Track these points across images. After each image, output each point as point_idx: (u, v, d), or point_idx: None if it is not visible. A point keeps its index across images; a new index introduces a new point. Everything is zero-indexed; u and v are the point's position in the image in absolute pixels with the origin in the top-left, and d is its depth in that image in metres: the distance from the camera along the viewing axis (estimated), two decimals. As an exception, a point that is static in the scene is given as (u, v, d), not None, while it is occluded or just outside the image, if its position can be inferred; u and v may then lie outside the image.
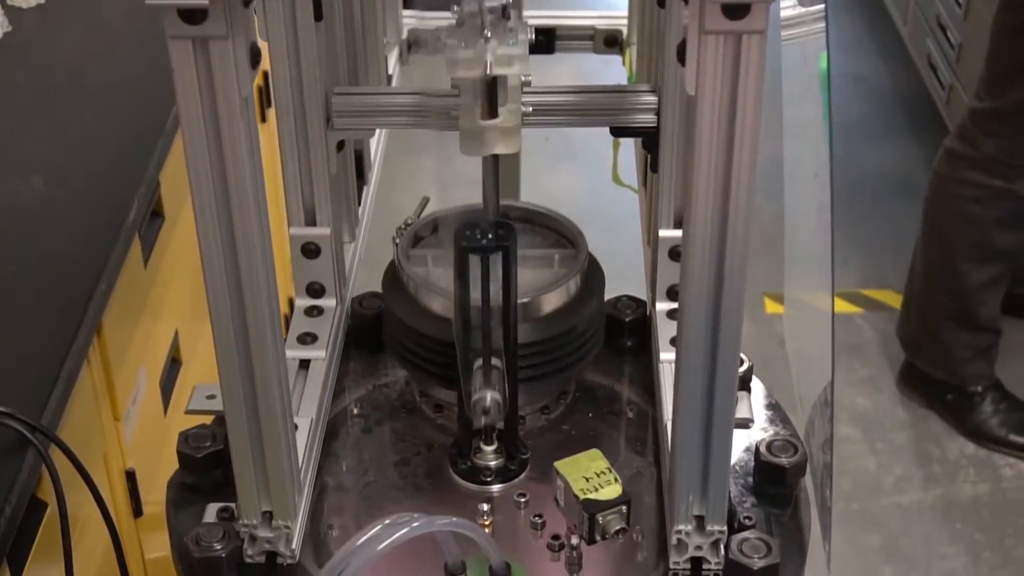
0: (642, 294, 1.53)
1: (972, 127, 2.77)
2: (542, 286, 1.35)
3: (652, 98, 1.39)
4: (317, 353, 1.42)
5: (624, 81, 1.90)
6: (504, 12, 1.15)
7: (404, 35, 1.92)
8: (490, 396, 1.27)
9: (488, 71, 1.13)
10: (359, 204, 1.62)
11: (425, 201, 1.49)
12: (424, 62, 1.96)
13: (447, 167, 3.77)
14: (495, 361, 1.27)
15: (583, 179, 3.72)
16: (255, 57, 1.02)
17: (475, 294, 1.24)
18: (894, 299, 3.26)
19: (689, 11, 0.96)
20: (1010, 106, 2.69)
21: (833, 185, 1.17)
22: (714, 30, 0.95)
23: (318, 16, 1.35)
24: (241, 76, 1.00)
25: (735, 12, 0.94)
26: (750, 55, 0.96)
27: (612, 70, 2.08)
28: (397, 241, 1.40)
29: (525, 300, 1.31)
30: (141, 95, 2.03)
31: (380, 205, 1.72)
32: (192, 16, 0.96)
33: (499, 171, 1.27)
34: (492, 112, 1.17)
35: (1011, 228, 2.82)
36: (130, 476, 1.76)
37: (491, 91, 1.16)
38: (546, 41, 1.92)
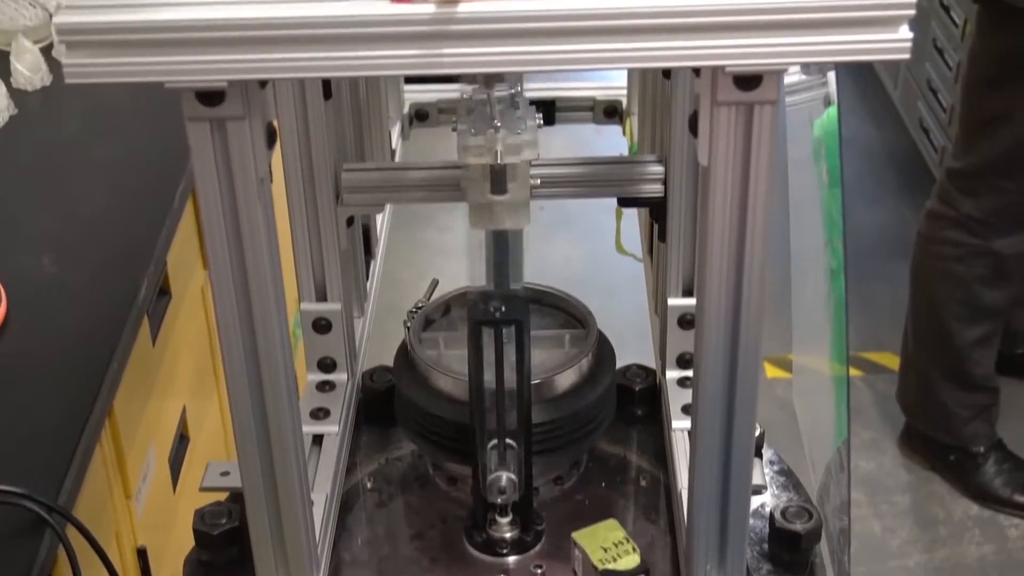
0: (644, 360, 1.53)
1: (949, 187, 2.79)
2: (553, 367, 1.34)
3: (659, 168, 1.40)
4: (330, 428, 1.42)
5: (623, 150, 1.92)
6: (513, 101, 1.17)
7: (406, 110, 1.94)
8: (505, 476, 1.27)
9: (498, 160, 1.14)
10: (367, 278, 1.63)
11: (435, 284, 1.49)
12: (425, 134, 1.98)
13: (447, 237, 3.78)
14: (509, 440, 1.27)
15: (580, 247, 3.73)
16: (271, 137, 1.03)
17: (489, 376, 1.24)
18: (893, 361, 3.26)
19: (701, 82, 0.97)
20: (982, 164, 2.71)
21: (846, 247, 1.18)
22: (727, 101, 0.96)
23: (327, 94, 1.37)
24: (258, 156, 1.01)
25: (747, 83, 0.95)
26: (762, 125, 0.97)
27: (606, 139, 2.10)
28: (408, 324, 1.40)
29: (537, 381, 1.31)
30: (147, 174, 2.05)
31: (383, 279, 1.73)
32: (210, 98, 0.96)
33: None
34: (500, 190, 1.19)
35: (995, 285, 2.83)
36: (141, 554, 1.75)
37: (499, 175, 1.17)
38: (546, 113, 1.94)
